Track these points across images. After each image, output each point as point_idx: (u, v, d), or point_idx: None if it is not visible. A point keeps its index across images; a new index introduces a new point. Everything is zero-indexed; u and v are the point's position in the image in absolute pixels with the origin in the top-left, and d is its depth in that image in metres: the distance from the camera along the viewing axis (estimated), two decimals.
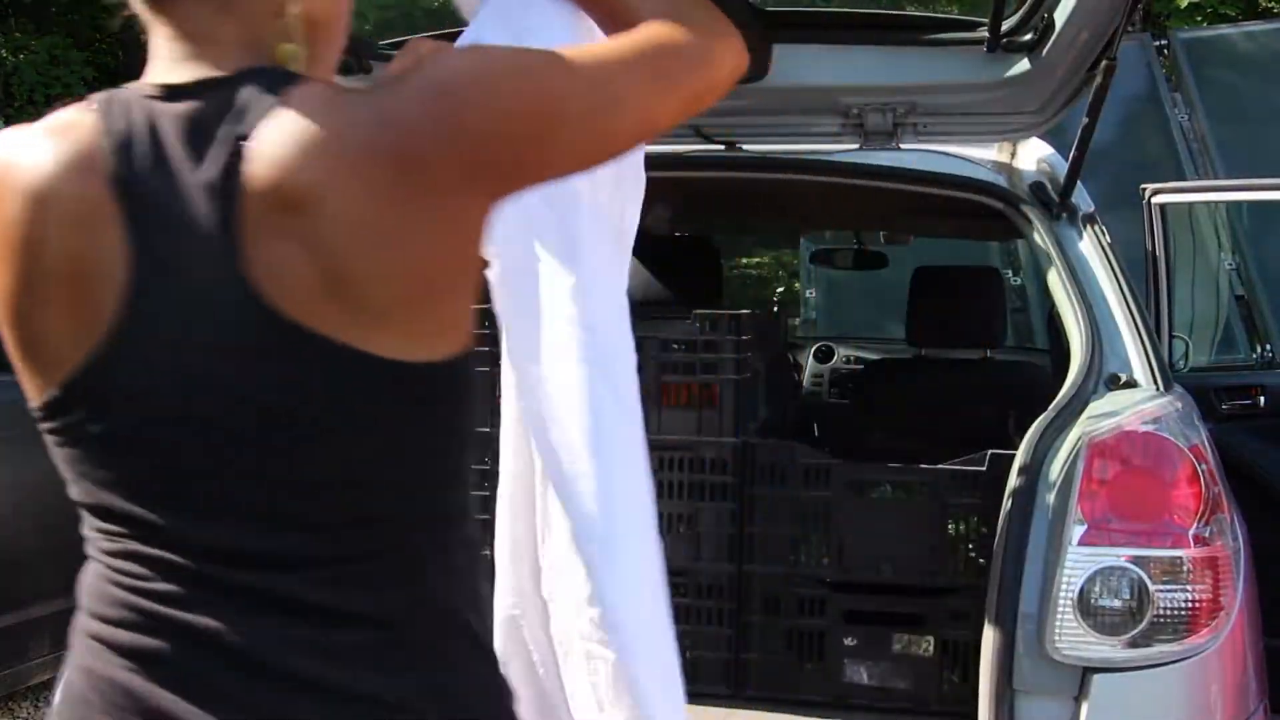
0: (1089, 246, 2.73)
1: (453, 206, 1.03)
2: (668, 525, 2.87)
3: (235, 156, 1.00)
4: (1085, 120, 2.52)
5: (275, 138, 1.00)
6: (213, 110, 1.03)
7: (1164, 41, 7.62)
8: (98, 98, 1.08)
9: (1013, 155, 3.11)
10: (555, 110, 1.06)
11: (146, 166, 1.03)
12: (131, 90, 1.08)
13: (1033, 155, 3.07)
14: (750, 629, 2.83)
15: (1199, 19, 10.43)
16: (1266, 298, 5.17)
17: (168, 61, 1.08)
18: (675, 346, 2.86)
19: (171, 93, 1.05)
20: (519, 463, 1.79)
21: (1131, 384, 2.44)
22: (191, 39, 1.07)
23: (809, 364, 5.46)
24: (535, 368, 1.59)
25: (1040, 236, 2.73)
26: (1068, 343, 2.59)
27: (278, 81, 1.03)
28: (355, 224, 0.99)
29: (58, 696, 1.09)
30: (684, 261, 3.99)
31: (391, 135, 1.00)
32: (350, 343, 1.00)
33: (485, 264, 1.18)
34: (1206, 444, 2.35)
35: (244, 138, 1.00)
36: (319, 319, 1.00)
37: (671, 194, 4.51)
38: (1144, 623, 2.16)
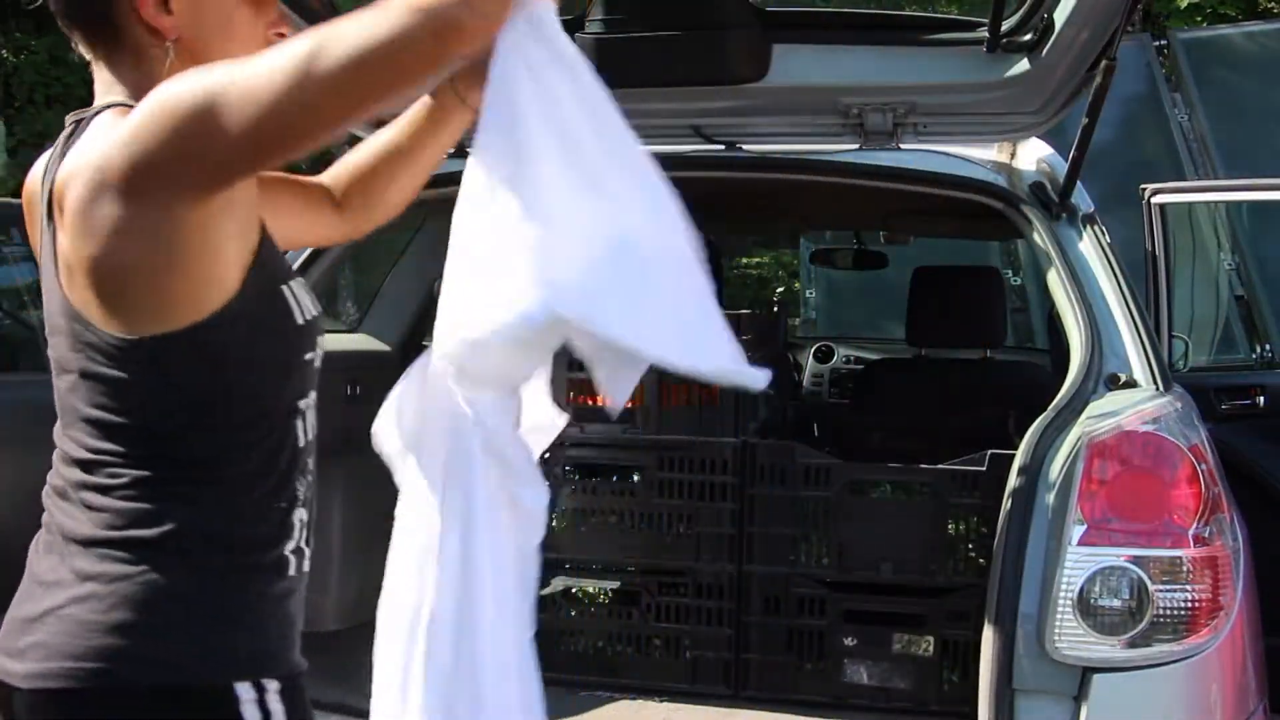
0: (1089, 246, 2.73)
1: (149, 212, 1.28)
2: (668, 525, 2.87)
3: (55, 168, 1.37)
4: (1085, 120, 2.52)
5: (70, 154, 1.36)
6: (76, 133, 1.39)
7: (1164, 41, 7.63)
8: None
9: (1013, 155, 3.11)
10: (206, 108, 1.25)
11: (53, 170, 1.40)
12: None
13: (1033, 155, 3.07)
14: (750, 629, 2.83)
15: (1199, 19, 10.43)
16: (1266, 298, 5.17)
17: (96, 91, 1.47)
18: None
19: (77, 116, 1.43)
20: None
21: (1131, 384, 2.44)
22: (102, 76, 1.45)
23: (809, 364, 5.46)
24: None
25: (1040, 236, 2.73)
26: (1068, 343, 2.59)
27: (104, 111, 1.39)
28: (75, 223, 1.31)
29: None
30: None
31: (104, 152, 1.29)
32: (89, 319, 1.34)
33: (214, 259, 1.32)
34: (1206, 444, 2.35)
35: (64, 155, 1.37)
36: (72, 295, 1.35)
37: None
38: (1144, 623, 2.16)
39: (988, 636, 2.24)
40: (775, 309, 5.88)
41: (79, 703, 1.34)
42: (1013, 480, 2.32)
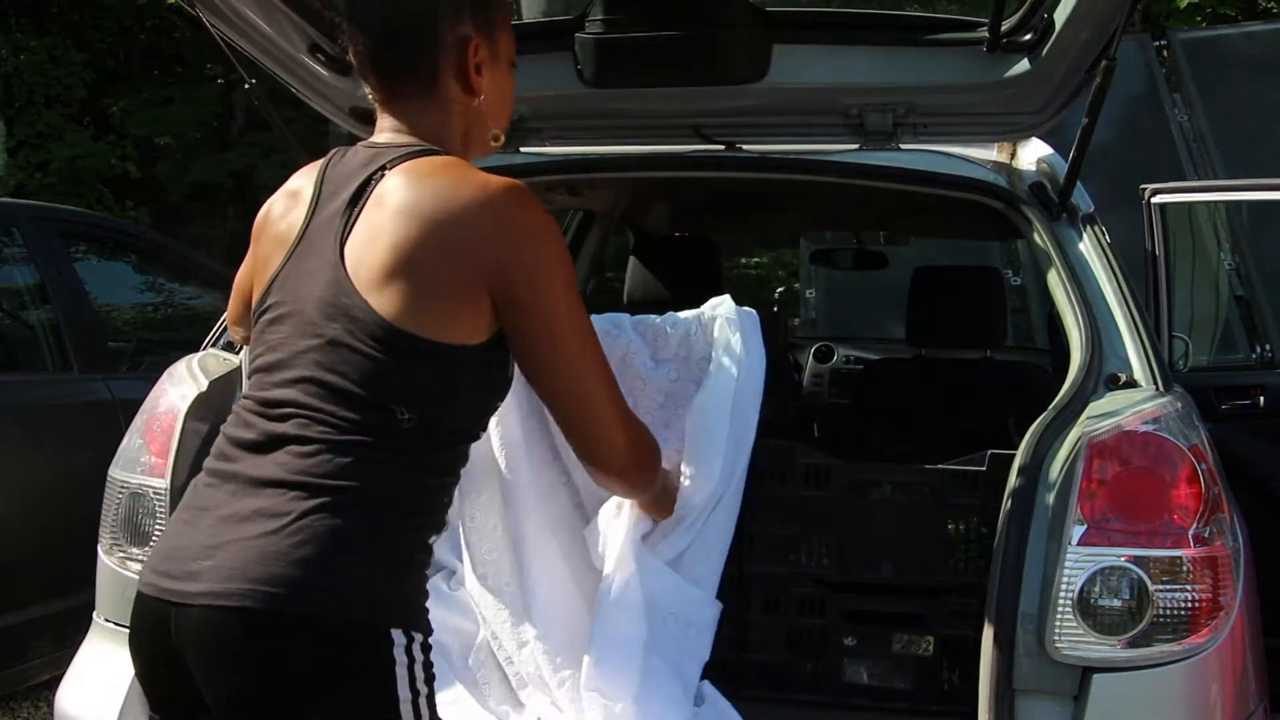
0: (1089, 246, 2.72)
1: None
2: None
3: (373, 178, 1.69)
4: (1085, 120, 2.52)
5: (429, 185, 1.65)
6: (383, 157, 1.70)
7: (1164, 41, 7.64)
8: (339, 148, 1.79)
9: (1013, 155, 3.11)
10: (580, 349, 1.78)
11: (337, 176, 1.74)
12: (360, 142, 1.78)
13: (1033, 155, 3.07)
14: (750, 629, 2.83)
15: (1199, 19, 10.43)
16: (1266, 298, 5.18)
17: (382, 130, 1.78)
18: None
19: (371, 145, 1.76)
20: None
21: (1131, 384, 2.44)
22: (388, 121, 1.77)
23: (809, 364, 5.45)
24: None
25: (1040, 236, 2.73)
26: (1068, 343, 2.59)
27: (421, 153, 1.71)
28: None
29: None
30: (684, 261, 3.99)
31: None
32: (392, 317, 1.63)
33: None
34: (1206, 444, 2.35)
35: (383, 170, 1.69)
36: (384, 292, 1.62)
37: (672, 194, 4.53)
38: (1144, 622, 2.16)
39: (988, 636, 2.24)
40: (775, 309, 5.89)
41: (246, 623, 1.48)
42: (1013, 480, 2.32)
